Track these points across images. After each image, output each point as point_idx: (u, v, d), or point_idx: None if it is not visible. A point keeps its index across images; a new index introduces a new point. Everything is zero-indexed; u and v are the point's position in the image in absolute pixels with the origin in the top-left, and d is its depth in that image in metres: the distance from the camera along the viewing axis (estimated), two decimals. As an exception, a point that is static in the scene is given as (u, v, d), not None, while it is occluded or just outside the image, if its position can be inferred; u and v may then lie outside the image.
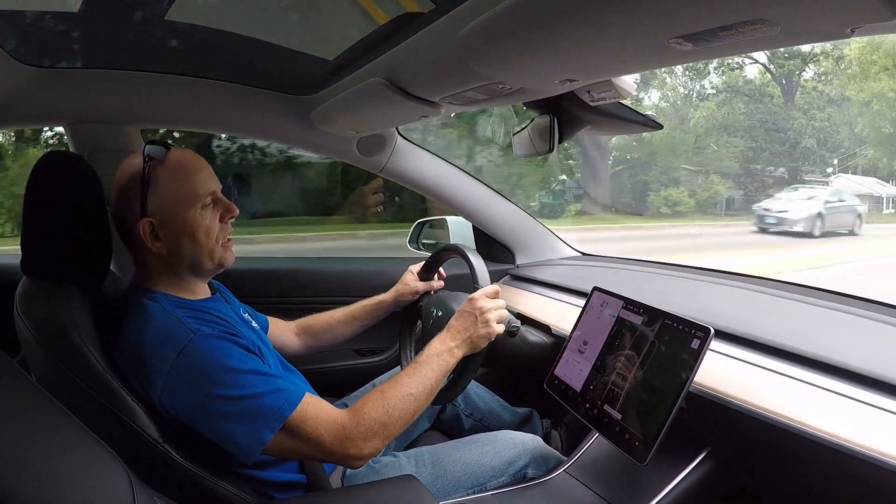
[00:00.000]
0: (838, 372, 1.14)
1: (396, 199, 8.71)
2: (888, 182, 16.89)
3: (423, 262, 1.92)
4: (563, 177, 14.69)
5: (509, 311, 1.82)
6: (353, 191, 8.95)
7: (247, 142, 8.53)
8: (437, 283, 1.91)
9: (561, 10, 0.88)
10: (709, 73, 18.96)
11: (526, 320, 1.89)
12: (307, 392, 1.25)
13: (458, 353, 1.44)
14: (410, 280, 1.90)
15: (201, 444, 1.22)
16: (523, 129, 1.80)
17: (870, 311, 1.39)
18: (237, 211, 1.39)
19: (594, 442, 1.51)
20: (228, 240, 1.40)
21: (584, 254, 2.60)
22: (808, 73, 18.25)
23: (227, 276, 1.44)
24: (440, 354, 1.42)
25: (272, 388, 1.21)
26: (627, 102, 1.51)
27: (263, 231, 8.55)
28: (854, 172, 17.53)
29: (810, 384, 1.15)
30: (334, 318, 1.87)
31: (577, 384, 1.45)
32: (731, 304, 1.62)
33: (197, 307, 1.33)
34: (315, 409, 1.23)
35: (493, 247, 2.51)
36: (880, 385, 1.07)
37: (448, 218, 2.61)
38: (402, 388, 1.32)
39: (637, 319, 1.37)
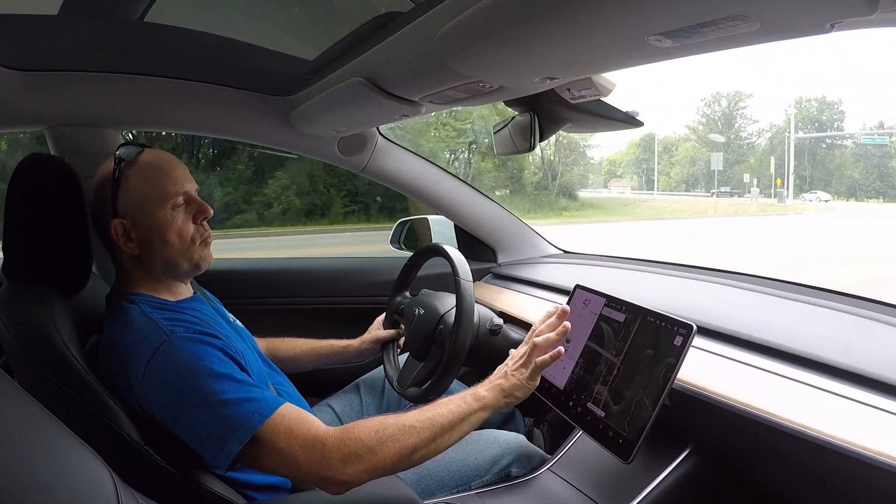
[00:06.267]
0: (821, 368, 1.15)
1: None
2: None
3: (384, 313, 1.95)
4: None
5: (491, 309, 1.83)
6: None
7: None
8: (397, 332, 1.92)
9: (540, 9, 0.88)
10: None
11: (508, 319, 1.89)
12: (286, 403, 1.19)
13: (487, 400, 1.29)
14: (374, 329, 1.93)
15: (184, 446, 1.20)
16: (504, 127, 1.81)
17: (852, 307, 1.40)
18: (211, 211, 1.37)
19: (578, 440, 1.51)
20: (207, 237, 1.38)
21: (565, 251, 2.60)
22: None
23: (211, 277, 1.43)
24: (463, 396, 1.29)
25: (245, 397, 1.15)
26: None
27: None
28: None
29: (793, 380, 1.15)
30: (300, 349, 1.86)
31: (561, 382, 1.45)
32: (713, 300, 1.63)
33: (176, 308, 1.32)
34: (292, 423, 1.16)
35: (475, 245, 2.52)
36: (863, 380, 1.08)
37: (430, 217, 2.61)
38: (404, 419, 1.21)
39: (619, 317, 1.37)
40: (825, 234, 18.72)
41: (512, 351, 1.41)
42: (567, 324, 1.38)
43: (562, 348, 1.35)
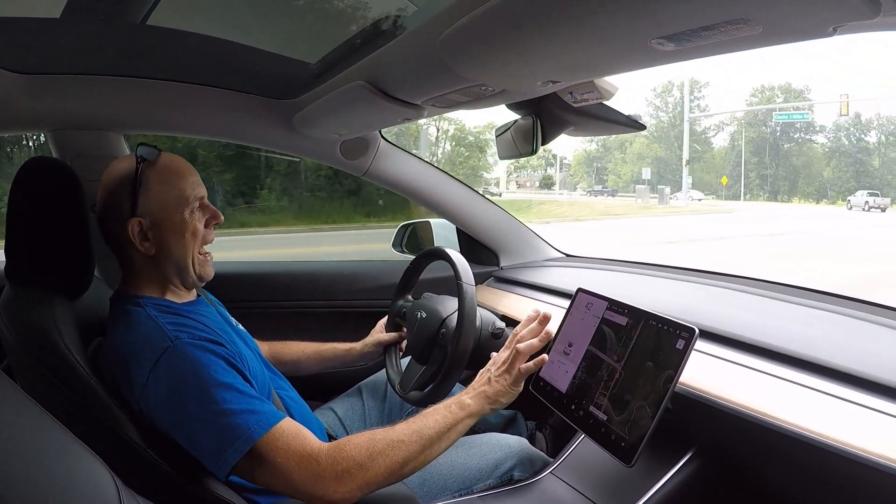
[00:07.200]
0: (823, 371, 1.15)
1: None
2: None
3: (386, 317, 1.95)
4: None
5: (493, 313, 1.82)
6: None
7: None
8: (399, 335, 1.92)
9: (542, 12, 0.88)
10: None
11: (510, 322, 1.89)
12: (285, 418, 1.19)
13: (472, 408, 1.32)
14: (376, 332, 1.93)
15: (185, 449, 1.20)
16: (506, 130, 1.81)
17: (853, 310, 1.40)
18: (222, 217, 1.40)
19: (580, 443, 1.50)
20: (206, 254, 1.41)
21: (567, 255, 2.60)
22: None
23: (213, 280, 1.43)
24: (448, 405, 1.31)
25: (246, 408, 1.16)
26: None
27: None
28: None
29: (795, 383, 1.15)
30: (304, 353, 1.87)
31: (563, 386, 1.45)
32: (715, 303, 1.62)
33: (181, 311, 1.32)
34: (290, 439, 1.16)
35: (477, 249, 2.51)
36: (865, 383, 1.08)
37: (432, 221, 2.61)
38: (393, 433, 1.22)
39: (621, 320, 1.37)
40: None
41: (494, 354, 1.42)
42: (550, 329, 1.41)
43: (545, 356, 1.39)
